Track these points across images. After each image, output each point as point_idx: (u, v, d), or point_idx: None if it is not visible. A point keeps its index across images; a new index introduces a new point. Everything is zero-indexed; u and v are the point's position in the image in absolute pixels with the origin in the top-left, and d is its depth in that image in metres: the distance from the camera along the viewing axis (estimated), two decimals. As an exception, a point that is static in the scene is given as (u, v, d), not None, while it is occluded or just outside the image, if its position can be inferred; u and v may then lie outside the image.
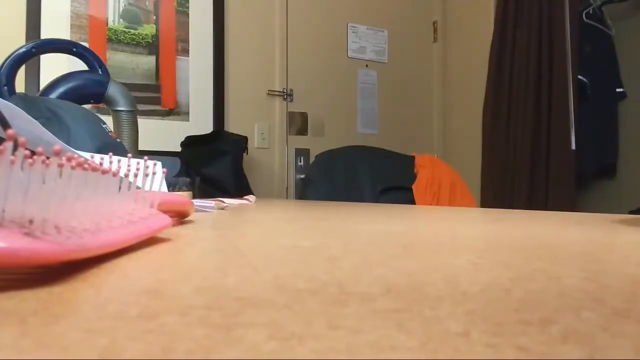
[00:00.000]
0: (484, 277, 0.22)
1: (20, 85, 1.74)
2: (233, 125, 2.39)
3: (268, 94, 2.52)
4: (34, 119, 0.46)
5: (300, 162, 2.58)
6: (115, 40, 2.17)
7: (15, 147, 0.19)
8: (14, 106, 0.45)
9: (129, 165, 0.33)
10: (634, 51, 2.33)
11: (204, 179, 1.90)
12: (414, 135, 2.91)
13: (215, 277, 0.21)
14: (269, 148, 2.52)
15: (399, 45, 2.90)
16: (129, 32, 2.20)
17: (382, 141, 2.64)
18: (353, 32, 2.76)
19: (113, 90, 1.32)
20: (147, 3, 2.25)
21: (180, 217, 0.52)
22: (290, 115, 2.57)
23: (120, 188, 0.30)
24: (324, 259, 0.27)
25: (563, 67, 2.21)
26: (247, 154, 2.22)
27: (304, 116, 2.61)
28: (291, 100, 2.57)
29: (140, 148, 1.41)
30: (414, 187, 2.01)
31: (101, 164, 0.33)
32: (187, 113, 2.31)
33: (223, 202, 0.92)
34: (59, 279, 0.21)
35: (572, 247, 0.33)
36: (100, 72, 1.37)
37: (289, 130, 2.57)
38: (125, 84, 1.42)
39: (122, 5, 2.20)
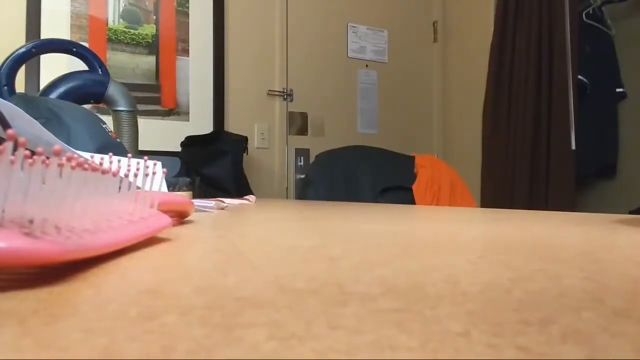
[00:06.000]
0: (484, 277, 0.22)
1: (20, 85, 1.74)
2: (233, 125, 2.39)
3: (268, 94, 2.52)
4: (34, 119, 0.46)
5: (300, 162, 2.58)
6: (115, 40, 2.17)
7: (15, 147, 0.19)
8: (14, 106, 0.44)
9: (129, 165, 0.33)
10: (634, 51, 2.33)
11: (204, 179, 1.90)
12: (414, 135, 2.91)
13: (215, 277, 0.21)
14: (269, 148, 2.52)
15: (399, 45, 2.90)
16: (129, 32, 2.20)
17: (382, 141, 2.64)
18: (353, 32, 2.76)
19: (113, 90, 1.32)
20: (147, 3, 2.25)
21: (180, 217, 0.52)
22: (290, 115, 2.57)
23: (120, 188, 0.30)
24: (324, 259, 0.27)
25: (563, 67, 2.21)
26: (247, 154, 2.22)
27: (304, 116, 2.61)
28: (291, 100, 2.57)
29: (140, 148, 1.41)
30: (414, 187, 2.01)
31: (101, 164, 0.33)
32: (187, 113, 2.31)
33: (223, 202, 0.92)
34: (59, 279, 0.21)
35: (572, 247, 0.33)
36: (100, 72, 1.37)
37: (289, 130, 2.57)
38: (125, 84, 1.42)
39: (122, 5, 2.20)
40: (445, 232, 0.43)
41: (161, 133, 2.21)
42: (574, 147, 2.16)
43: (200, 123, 2.31)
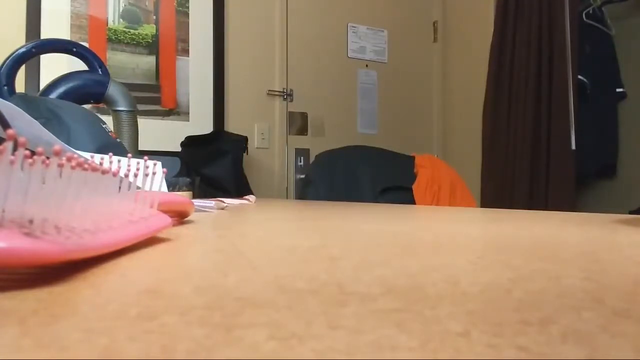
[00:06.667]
0: (484, 277, 0.22)
1: (20, 85, 1.74)
2: (233, 125, 2.39)
3: (268, 94, 2.52)
4: (34, 119, 0.46)
5: (300, 162, 2.58)
6: (115, 40, 2.17)
7: (15, 147, 0.19)
8: (14, 106, 0.45)
9: (129, 165, 0.33)
10: (634, 51, 2.33)
11: (204, 179, 1.90)
12: (414, 135, 2.91)
13: (215, 277, 0.21)
14: (269, 148, 2.52)
15: (399, 45, 2.90)
16: (129, 32, 2.20)
17: (382, 141, 2.64)
18: (353, 32, 2.76)
19: (113, 90, 1.32)
20: (147, 3, 2.25)
21: (180, 217, 0.52)
22: (290, 115, 2.57)
23: (120, 188, 0.30)
24: (324, 259, 0.27)
25: (563, 67, 2.21)
26: (247, 154, 2.22)
27: (304, 116, 2.61)
28: (291, 100, 2.57)
29: (140, 148, 1.41)
30: (414, 187, 2.01)
31: (101, 164, 0.33)
32: (187, 113, 2.31)
33: (223, 202, 0.92)
34: (59, 279, 0.21)
35: (572, 247, 0.33)
36: (100, 72, 1.37)
37: (289, 130, 2.57)
38: (125, 84, 1.42)
39: (122, 5, 2.20)
40: (445, 232, 0.43)
41: (161, 133, 2.21)
42: (574, 147, 2.16)
43: (200, 123, 2.31)
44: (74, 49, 1.38)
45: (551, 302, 0.17)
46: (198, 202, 0.82)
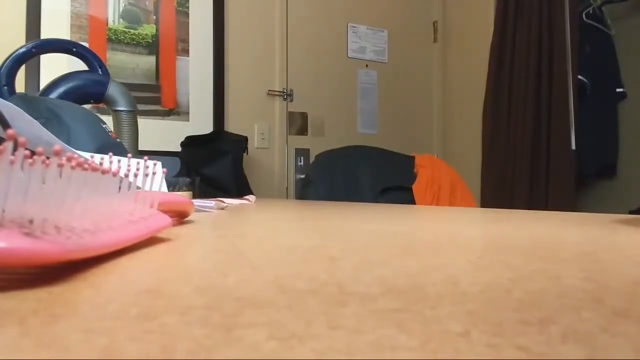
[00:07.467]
0: (484, 277, 0.22)
1: (20, 85, 1.74)
2: (233, 125, 2.39)
3: (268, 94, 2.52)
4: (34, 119, 0.46)
5: (300, 162, 2.58)
6: (115, 40, 2.17)
7: (15, 147, 0.19)
8: (14, 106, 0.45)
9: (129, 165, 0.33)
10: (634, 51, 2.33)
11: (204, 179, 1.90)
12: (414, 135, 2.91)
13: (215, 277, 0.21)
14: (269, 148, 2.52)
15: (399, 45, 2.90)
16: (129, 32, 2.20)
17: (382, 141, 2.64)
18: (353, 32, 2.76)
19: (113, 90, 1.32)
20: (147, 3, 2.25)
21: (180, 217, 0.52)
22: (290, 115, 2.57)
23: (120, 188, 0.30)
24: (324, 259, 0.27)
25: (563, 67, 2.21)
26: (247, 154, 2.22)
27: (304, 116, 2.61)
28: (291, 100, 2.57)
29: (140, 148, 1.41)
30: (414, 187, 2.01)
31: (101, 164, 0.33)
32: (187, 113, 2.31)
33: (223, 202, 0.92)
34: (59, 279, 0.21)
35: (572, 247, 0.33)
36: (100, 72, 1.37)
37: (289, 130, 2.57)
38: (125, 84, 1.42)
39: (122, 5, 2.20)
40: (445, 232, 0.43)
41: (161, 133, 2.21)
42: (574, 147, 2.16)
43: (200, 123, 2.31)
44: (74, 49, 1.38)
45: (551, 302, 0.17)
46: (198, 202, 0.82)
